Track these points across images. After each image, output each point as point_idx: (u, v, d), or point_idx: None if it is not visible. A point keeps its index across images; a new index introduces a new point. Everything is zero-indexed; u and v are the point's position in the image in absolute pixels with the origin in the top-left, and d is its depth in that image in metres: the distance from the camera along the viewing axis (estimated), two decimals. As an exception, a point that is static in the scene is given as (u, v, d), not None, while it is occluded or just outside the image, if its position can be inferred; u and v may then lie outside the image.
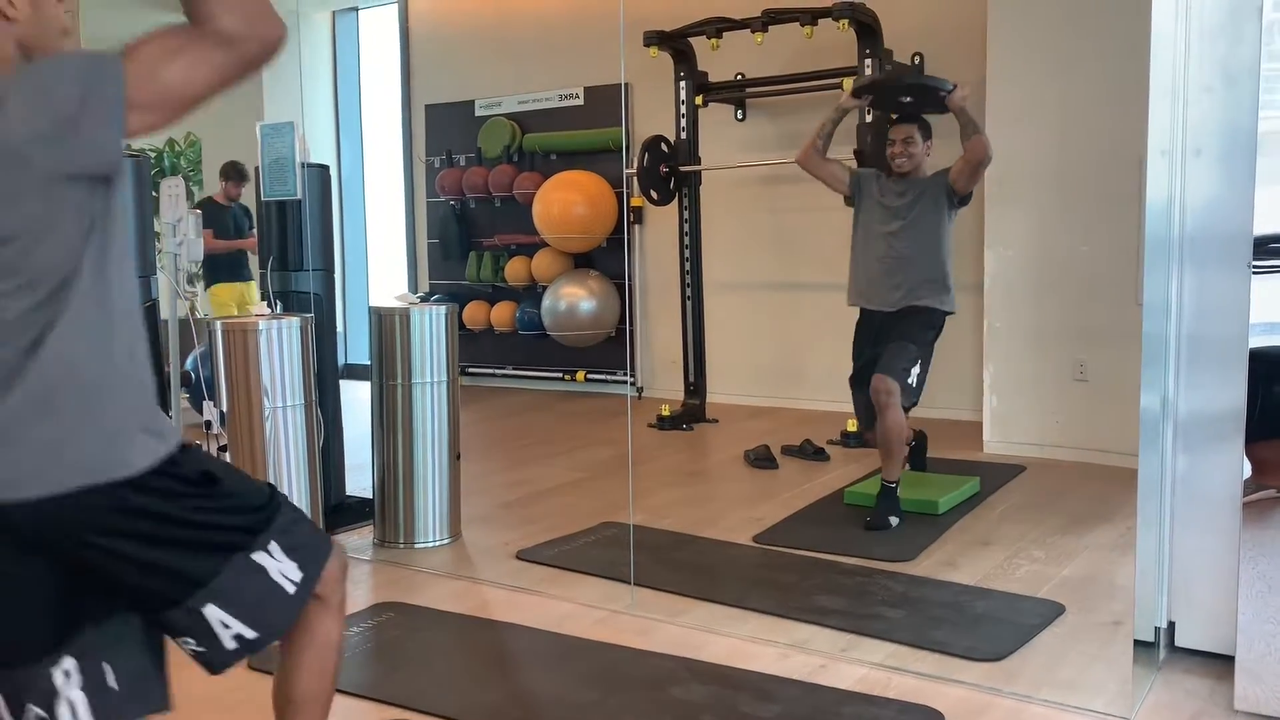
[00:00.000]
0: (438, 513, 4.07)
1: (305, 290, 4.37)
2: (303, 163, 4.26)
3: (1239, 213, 2.68)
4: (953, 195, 4.14)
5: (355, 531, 4.25)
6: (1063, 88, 4.72)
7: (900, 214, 4.21)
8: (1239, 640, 2.60)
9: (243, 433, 3.50)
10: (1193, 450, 2.81)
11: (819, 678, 2.83)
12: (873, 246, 4.27)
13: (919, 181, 4.21)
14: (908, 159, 4.19)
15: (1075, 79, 4.90)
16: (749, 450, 5.29)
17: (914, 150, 4.18)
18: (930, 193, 4.18)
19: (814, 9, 5.52)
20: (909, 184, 4.22)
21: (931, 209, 4.17)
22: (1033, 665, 2.87)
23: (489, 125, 7.73)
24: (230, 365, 3.50)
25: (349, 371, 5.62)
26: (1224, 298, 2.73)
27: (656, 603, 3.38)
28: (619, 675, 2.89)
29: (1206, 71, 2.74)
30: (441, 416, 4.04)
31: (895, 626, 3.13)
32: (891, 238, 4.22)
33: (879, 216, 4.26)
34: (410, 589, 3.61)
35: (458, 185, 7.83)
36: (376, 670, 2.98)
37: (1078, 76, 4.91)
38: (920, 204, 4.18)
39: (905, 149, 4.19)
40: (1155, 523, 2.84)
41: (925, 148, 4.22)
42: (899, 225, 4.21)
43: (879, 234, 4.25)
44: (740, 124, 6.68)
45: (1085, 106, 4.90)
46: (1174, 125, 2.77)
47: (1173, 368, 2.82)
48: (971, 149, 4.05)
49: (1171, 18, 2.74)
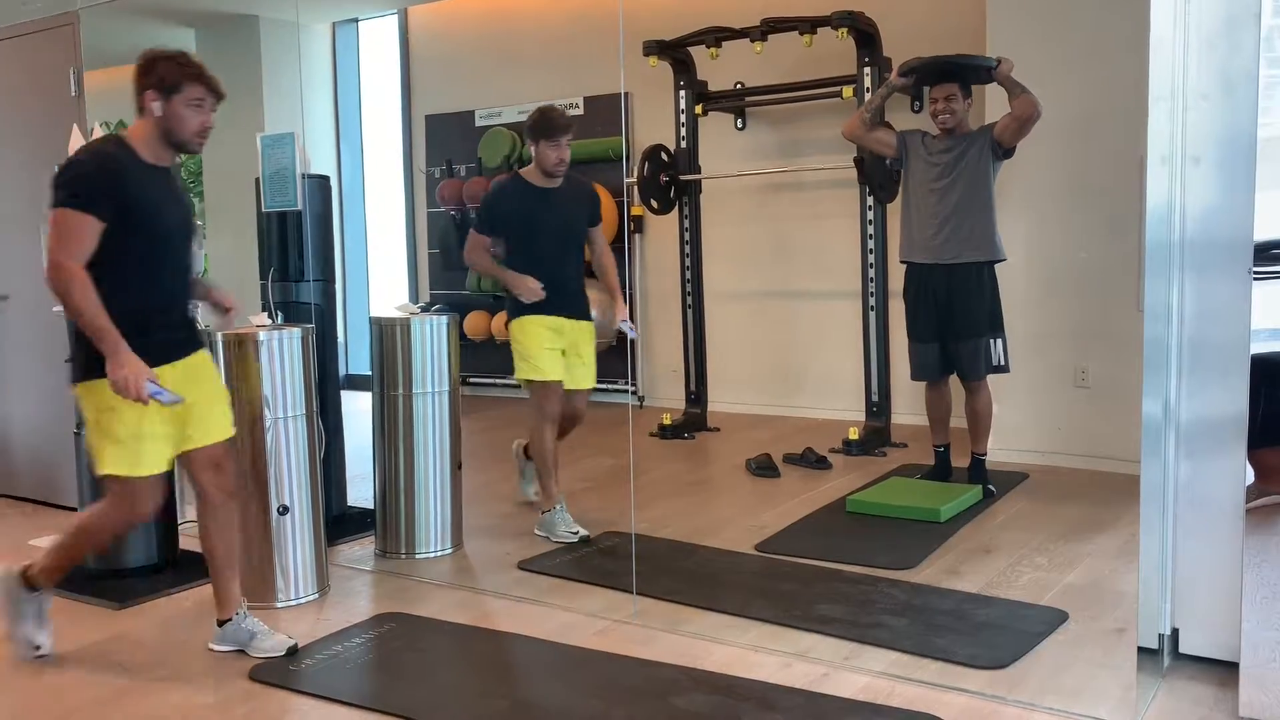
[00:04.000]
0: (439, 523, 4.06)
1: (306, 301, 4.37)
2: (303, 173, 4.26)
3: (1239, 218, 2.68)
4: (997, 148, 4.40)
5: (357, 542, 4.24)
6: (1061, 94, 4.73)
7: (947, 170, 4.46)
8: (1243, 647, 2.60)
9: (244, 443, 3.50)
10: (1195, 456, 2.81)
11: (821, 686, 2.82)
12: (922, 202, 4.53)
13: (963, 138, 4.47)
14: (950, 115, 4.46)
15: (1074, 85, 4.90)
16: (750, 459, 5.28)
17: (955, 107, 4.46)
18: (975, 147, 4.44)
19: (813, 18, 5.53)
20: (954, 141, 4.47)
21: (976, 163, 4.42)
22: (1036, 673, 2.87)
23: (489, 135, 7.74)
24: (232, 376, 3.49)
25: (350, 382, 5.61)
26: (1225, 303, 2.73)
27: (659, 612, 3.37)
28: (621, 685, 2.88)
29: (1205, 78, 2.74)
30: (443, 426, 4.04)
31: (898, 635, 3.12)
32: (940, 193, 4.47)
33: (927, 174, 4.51)
34: (412, 599, 3.61)
35: (458, 195, 7.84)
36: (378, 681, 2.97)
37: (1076, 82, 4.91)
38: (966, 159, 4.44)
39: (947, 105, 4.46)
40: (1158, 529, 2.84)
41: (965, 104, 4.49)
42: (947, 181, 4.46)
43: (927, 190, 4.51)
44: (740, 133, 6.68)
45: (1084, 112, 4.91)
46: (1173, 131, 2.77)
47: (1174, 374, 2.81)
48: (1020, 106, 4.30)
49: (1170, 24, 2.75)
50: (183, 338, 2.99)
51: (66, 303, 2.75)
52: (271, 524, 3.54)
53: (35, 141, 4.93)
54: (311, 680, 2.97)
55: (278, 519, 3.54)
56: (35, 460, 5.08)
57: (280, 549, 3.55)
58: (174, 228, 2.94)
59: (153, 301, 2.89)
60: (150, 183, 2.87)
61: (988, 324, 4.49)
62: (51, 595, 3.18)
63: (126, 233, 2.79)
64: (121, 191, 2.78)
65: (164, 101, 2.83)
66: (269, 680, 2.97)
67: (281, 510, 3.54)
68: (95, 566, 3.88)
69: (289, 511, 3.55)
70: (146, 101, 2.85)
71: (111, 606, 3.60)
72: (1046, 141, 4.65)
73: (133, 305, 2.81)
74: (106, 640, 3.32)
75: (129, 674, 3.06)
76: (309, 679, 2.98)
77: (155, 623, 3.47)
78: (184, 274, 3.01)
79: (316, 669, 3.04)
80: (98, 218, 2.74)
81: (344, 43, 8.37)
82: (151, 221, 2.85)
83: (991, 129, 4.42)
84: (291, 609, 3.54)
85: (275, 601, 3.55)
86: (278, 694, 2.90)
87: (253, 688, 2.94)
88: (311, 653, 3.15)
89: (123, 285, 2.80)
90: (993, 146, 4.40)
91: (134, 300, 2.83)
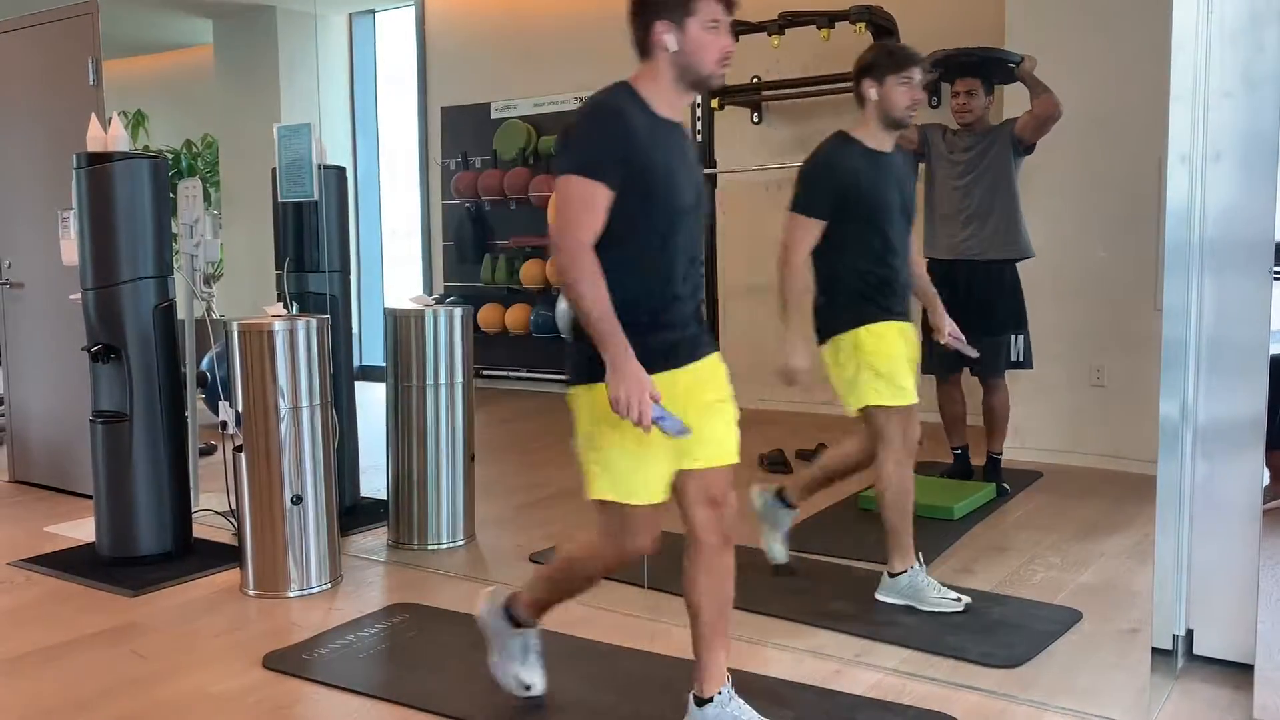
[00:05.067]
0: (452, 514, 4.07)
1: (321, 291, 4.39)
2: (319, 164, 4.27)
3: (1260, 218, 2.66)
4: (1018, 144, 4.39)
5: (370, 533, 4.26)
6: (1081, 91, 4.70)
7: (969, 167, 4.45)
8: (1259, 649, 2.58)
9: (258, 433, 3.51)
10: (1212, 457, 2.79)
11: (833, 683, 2.81)
12: (946, 200, 4.52)
13: (984, 135, 4.45)
14: (970, 112, 4.45)
15: (1093, 83, 4.87)
16: (763, 454, 5.27)
17: (975, 103, 4.45)
18: (996, 144, 4.43)
19: (830, 12, 5.51)
20: (974, 137, 4.46)
21: (998, 160, 4.41)
22: (1049, 672, 2.86)
23: (505, 127, 7.74)
24: (246, 366, 3.51)
25: (364, 373, 5.63)
26: (1244, 303, 2.71)
27: (671, 607, 3.36)
28: (633, 679, 2.89)
29: (1227, 76, 2.72)
30: (456, 418, 4.04)
31: (910, 632, 3.11)
32: (963, 190, 4.47)
33: (949, 171, 4.51)
34: (424, 590, 3.61)
35: (473, 187, 7.85)
36: (391, 671, 2.98)
37: (1096, 80, 4.89)
38: (987, 156, 4.43)
39: (968, 101, 4.45)
40: (1174, 529, 2.82)
41: (987, 101, 4.48)
42: (970, 179, 4.45)
43: (950, 188, 4.50)
44: (756, 127, 6.66)
45: (1104, 110, 4.88)
46: (1194, 130, 2.75)
47: (1192, 374, 2.79)
48: (1041, 105, 4.30)
49: (1192, 22, 2.73)
50: (693, 336, 2.39)
51: (570, 292, 2.22)
52: (285, 514, 3.55)
53: (53, 131, 4.95)
54: (324, 669, 2.98)
55: (291, 509, 3.55)
56: (51, 447, 5.11)
57: (293, 539, 3.56)
58: (690, 200, 2.36)
59: (661, 292, 2.32)
60: (664, 142, 2.30)
61: (1011, 321, 4.49)
62: (538, 632, 2.75)
63: (635, 205, 2.25)
64: (632, 153, 2.23)
65: (679, 31, 2.25)
66: (282, 669, 2.98)
67: (295, 500, 3.55)
68: (109, 554, 3.91)
69: (302, 501, 3.56)
70: (657, 35, 2.26)
71: (125, 594, 3.61)
72: (1065, 139, 4.63)
73: (634, 297, 2.26)
74: (120, 628, 3.34)
75: (142, 662, 3.07)
76: (322, 668, 2.99)
77: (169, 610, 3.49)
78: (696, 259, 2.42)
79: (329, 658, 3.05)
80: (608, 186, 2.22)
81: (361, 34, 8.39)
82: (665, 191, 2.28)
83: (1012, 125, 4.41)
84: (304, 598, 3.55)
85: (288, 591, 3.56)
86: (291, 682, 2.91)
87: (266, 676, 2.95)
88: (324, 642, 3.16)
89: (626, 271, 2.25)
90: (1013, 143, 4.39)
91: (636, 290, 2.27)
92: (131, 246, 3.89)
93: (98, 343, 3.91)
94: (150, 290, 3.93)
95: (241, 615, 3.44)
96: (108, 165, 3.87)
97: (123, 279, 3.88)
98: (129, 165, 3.90)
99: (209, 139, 8.45)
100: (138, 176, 3.90)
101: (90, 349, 3.93)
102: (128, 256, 3.89)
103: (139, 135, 8.05)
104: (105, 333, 3.91)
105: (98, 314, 3.91)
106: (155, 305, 3.94)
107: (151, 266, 3.93)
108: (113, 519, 3.92)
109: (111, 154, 3.91)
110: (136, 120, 8.20)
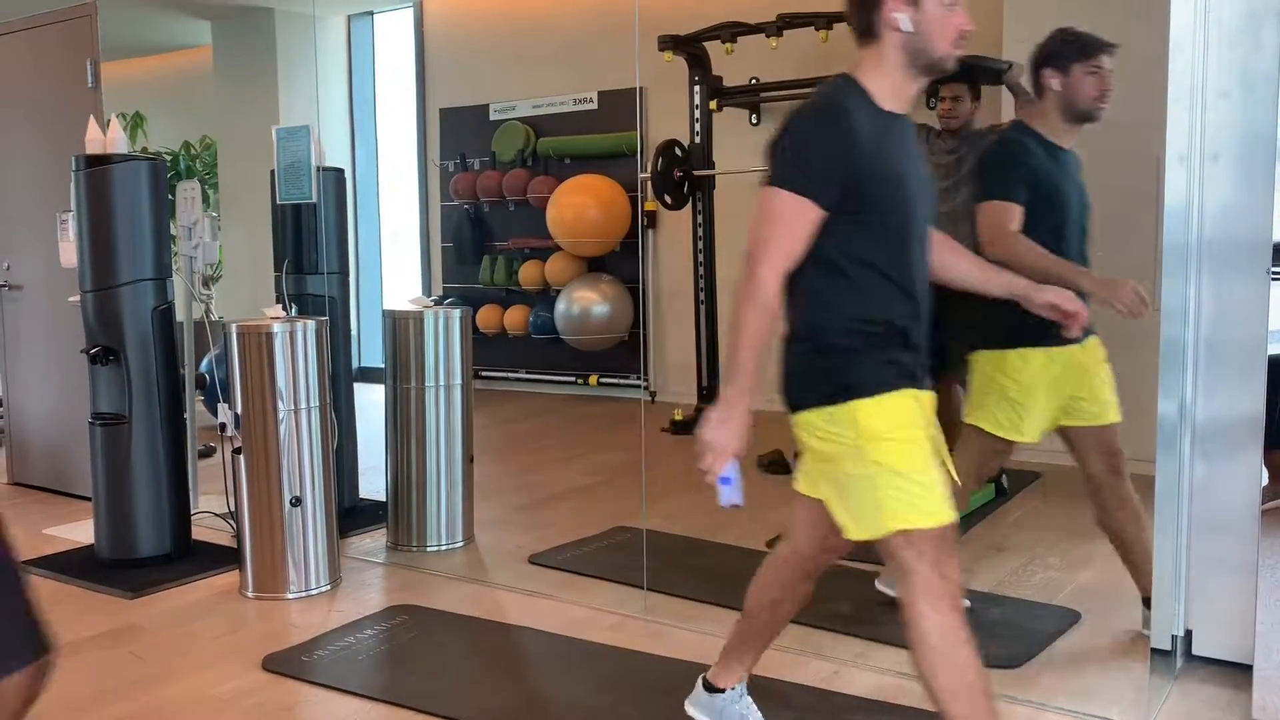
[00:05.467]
0: (451, 516, 4.07)
1: (320, 293, 4.39)
2: (318, 166, 4.27)
3: (1258, 218, 2.66)
4: None
5: (369, 534, 4.26)
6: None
7: (951, 171, 4.41)
8: (1257, 649, 2.58)
9: (257, 435, 3.51)
10: (1210, 457, 2.79)
11: (832, 684, 2.82)
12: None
13: (968, 138, 4.42)
14: (955, 117, 4.42)
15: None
16: (762, 455, 5.27)
17: (961, 108, 4.41)
18: (980, 148, 4.33)
19: (829, 13, 5.51)
20: (958, 141, 4.43)
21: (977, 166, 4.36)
22: (1048, 673, 2.86)
23: (503, 129, 7.74)
24: (245, 368, 3.51)
25: (363, 374, 5.63)
26: (1243, 304, 2.72)
27: (669, 608, 3.37)
28: (632, 680, 2.89)
29: (1225, 76, 2.72)
30: (455, 420, 4.04)
31: (909, 633, 3.11)
32: (944, 194, 4.39)
33: (934, 174, 4.42)
34: (423, 592, 3.61)
35: (472, 189, 7.85)
36: (390, 673, 2.98)
37: (1094, 81, 4.89)
38: (970, 160, 4.36)
39: (954, 106, 4.42)
40: (1172, 530, 2.82)
41: (972, 107, 4.45)
42: (950, 183, 4.40)
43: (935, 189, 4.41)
44: (755, 128, 6.66)
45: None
46: (1192, 130, 2.76)
47: (1190, 374, 2.80)
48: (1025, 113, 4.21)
49: (1190, 23, 2.74)
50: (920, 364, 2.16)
51: (737, 311, 2.03)
52: (284, 516, 3.55)
53: (52, 133, 4.95)
54: (323, 671, 2.98)
55: (290, 510, 3.55)
56: (50, 450, 5.11)
57: (293, 541, 3.56)
58: (921, 206, 2.12)
59: (905, 309, 2.09)
60: (893, 141, 2.06)
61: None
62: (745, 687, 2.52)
63: (866, 212, 2.02)
64: (859, 162, 2.00)
65: (913, 8, 2.01)
66: (281, 670, 2.98)
67: (294, 502, 3.55)
68: (108, 557, 3.91)
69: (301, 503, 3.56)
70: (888, 14, 2.02)
71: (124, 596, 3.61)
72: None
73: (866, 315, 2.05)
74: (119, 630, 3.34)
75: (141, 664, 3.07)
76: (321, 670, 2.99)
77: (168, 612, 3.49)
78: (924, 271, 2.16)
79: (328, 660, 3.05)
80: (820, 205, 2.01)
81: (359, 36, 8.39)
82: (896, 194, 2.05)
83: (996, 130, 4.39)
84: (303, 600, 3.55)
85: (287, 593, 3.56)
86: (290, 684, 2.91)
87: (265, 678, 2.95)
88: (323, 644, 3.16)
89: (857, 287, 2.05)
90: None
91: (868, 308, 2.05)
92: (130, 248, 3.89)
93: (96, 345, 3.91)
94: (149, 292, 3.93)
95: (241, 617, 3.44)
96: (106, 167, 3.87)
97: (121, 281, 3.88)
98: (128, 167, 3.90)
99: (208, 141, 8.45)
100: (136, 178, 3.90)
101: (89, 351, 3.93)
102: (126, 258, 3.88)
103: (137, 137, 8.05)
104: (104, 335, 3.91)
105: (96, 316, 3.91)
106: (154, 307, 3.94)
107: (150, 268, 3.93)
108: (112, 521, 3.92)
109: (110, 156, 3.91)
110: (135, 122, 8.20)
